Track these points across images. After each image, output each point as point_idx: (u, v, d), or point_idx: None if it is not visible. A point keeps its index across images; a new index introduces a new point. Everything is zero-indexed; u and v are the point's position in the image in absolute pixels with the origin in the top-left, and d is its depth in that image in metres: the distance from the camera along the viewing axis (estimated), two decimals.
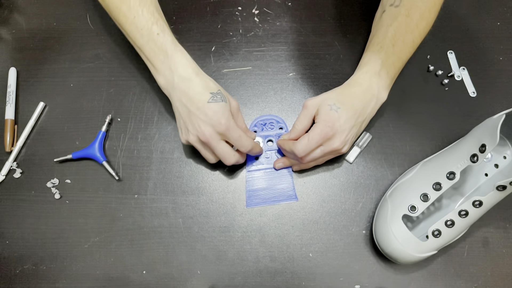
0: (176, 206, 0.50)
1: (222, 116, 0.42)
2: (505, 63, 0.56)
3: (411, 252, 0.43)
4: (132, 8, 0.44)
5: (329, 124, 0.43)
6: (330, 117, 0.43)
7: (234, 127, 0.43)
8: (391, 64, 0.47)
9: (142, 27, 0.44)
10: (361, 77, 0.46)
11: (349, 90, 0.46)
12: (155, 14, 0.45)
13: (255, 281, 0.47)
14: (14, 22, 0.59)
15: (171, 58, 0.44)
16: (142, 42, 0.45)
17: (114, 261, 0.48)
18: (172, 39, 0.45)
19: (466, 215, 0.43)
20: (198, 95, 0.42)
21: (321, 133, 0.43)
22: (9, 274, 0.48)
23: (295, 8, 0.59)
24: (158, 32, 0.44)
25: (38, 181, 0.51)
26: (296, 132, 0.47)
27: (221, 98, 0.43)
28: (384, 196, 0.48)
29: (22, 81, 0.56)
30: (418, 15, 0.48)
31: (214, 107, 0.42)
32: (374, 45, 0.48)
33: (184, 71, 0.43)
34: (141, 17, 0.44)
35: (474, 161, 0.43)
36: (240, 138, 0.44)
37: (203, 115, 0.42)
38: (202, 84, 0.43)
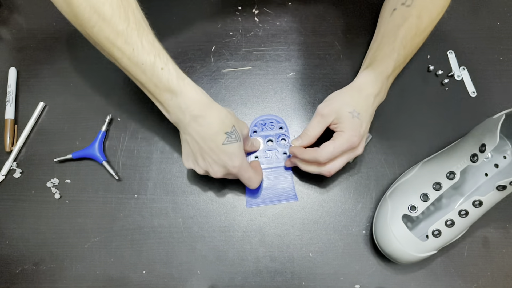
0: (176, 206, 0.50)
1: (236, 158, 0.41)
2: (505, 63, 0.56)
3: (411, 252, 0.43)
4: (129, 41, 0.37)
5: (356, 134, 0.43)
6: (355, 125, 0.43)
7: (245, 167, 0.43)
8: (398, 67, 0.48)
9: (143, 61, 0.38)
10: (373, 80, 0.46)
11: (363, 94, 0.45)
12: (155, 44, 0.39)
13: (255, 281, 0.47)
14: (14, 22, 0.59)
15: (180, 96, 0.39)
16: (145, 78, 0.39)
17: (114, 261, 0.48)
18: (177, 71, 0.39)
19: (466, 215, 0.43)
20: (213, 136, 0.40)
21: (348, 142, 0.42)
22: (9, 274, 0.48)
23: (295, 8, 0.59)
24: (162, 66, 0.38)
25: (38, 181, 0.51)
26: (308, 139, 0.45)
27: (236, 137, 0.41)
28: (384, 196, 0.48)
29: (22, 81, 0.56)
30: (428, 18, 0.48)
31: (228, 149, 0.41)
32: (385, 45, 0.48)
33: (197, 109, 0.39)
34: (141, 49, 0.38)
35: (474, 161, 0.43)
36: (250, 179, 0.44)
37: (216, 157, 0.41)
38: (217, 122, 0.40)
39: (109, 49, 0.38)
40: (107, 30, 0.37)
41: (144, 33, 0.38)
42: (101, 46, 0.39)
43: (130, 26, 0.37)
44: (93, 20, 0.37)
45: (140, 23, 0.39)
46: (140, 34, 0.38)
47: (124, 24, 0.37)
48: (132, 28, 0.37)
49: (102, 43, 0.38)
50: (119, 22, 0.37)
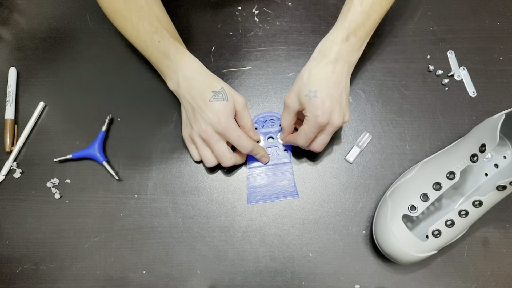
0: (176, 206, 0.50)
1: (222, 115, 0.43)
2: (505, 63, 0.56)
3: (411, 252, 0.43)
4: (134, 25, 0.46)
5: (318, 113, 0.42)
6: (315, 106, 0.42)
7: (233, 126, 0.44)
8: (360, 25, 0.44)
9: (145, 39, 0.46)
10: (327, 48, 0.44)
11: (318, 67, 0.44)
12: (154, 24, 0.46)
13: (255, 281, 0.47)
14: (14, 22, 0.59)
15: (174, 61, 0.45)
16: (148, 52, 0.47)
17: (114, 261, 0.48)
18: (173, 42, 0.45)
19: (466, 215, 0.43)
20: (200, 93, 0.43)
21: (315, 124, 0.43)
22: (9, 274, 0.48)
23: (295, 8, 0.59)
24: (158, 39, 0.45)
25: (38, 181, 0.51)
26: (285, 130, 0.49)
27: (223, 96, 0.43)
28: (384, 196, 0.48)
29: (22, 81, 0.56)
30: None
31: (214, 106, 0.43)
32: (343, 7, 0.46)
33: (188, 71, 0.44)
34: (143, 30, 0.46)
35: (474, 161, 0.43)
36: (239, 138, 0.44)
37: (204, 114, 0.43)
38: (205, 82, 0.44)
39: (126, 35, 0.49)
40: (119, 19, 0.48)
41: (145, 17, 0.46)
42: (123, 34, 0.49)
43: (133, 14, 0.46)
44: (111, 15, 0.49)
45: (142, 8, 0.47)
46: (141, 18, 0.46)
47: (128, 14, 0.47)
48: (134, 15, 0.46)
49: (120, 29, 0.49)
50: (124, 13, 0.47)
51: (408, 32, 0.58)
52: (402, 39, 0.57)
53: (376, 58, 0.56)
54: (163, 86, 0.55)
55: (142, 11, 0.47)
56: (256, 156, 0.49)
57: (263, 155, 0.49)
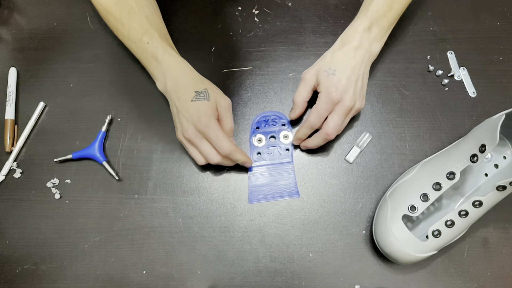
0: (176, 206, 0.50)
1: (202, 114, 0.43)
2: (505, 63, 0.56)
3: (411, 252, 0.43)
4: (125, 25, 0.47)
5: (332, 89, 0.44)
6: (331, 82, 0.44)
7: (213, 126, 0.43)
8: (382, 15, 0.47)
9: (135, 39, 0.47)
10: (350, 35, 0.47)
11: (340, 51, 0.46)
12: (144, 25, 0.47)
13: (255, 281, 0.47)
14: (14, 22, 0.59)
15: (162, 63, 0.46)
16: (139, 53, 0.48)
17: (114, 261, 0.48)
18: (162, 44, 0.46)
19: (466, 215, 0.43)
20: (183, 93, 0.44)
21: (327, 100, 0.44)
22: (9, 274, 0.48)
23: (295, 8, 0.59)
24: (147, 41, 0.46)
25: (38, 181, 0.51)
26: (298, 106, 0.49)
27: (204, 96, 0.44)
28: (384, 196, 0.48)
29: (22, 81, 0.56)
30: None
31: (196, 105, 0.44)
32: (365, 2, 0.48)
33: (174, 73, 0.45)
34: (132, 31, 0.47)
35: (474, 161, 0.43)
36: (218, 139, 0.43)
37: (186, 113, 0.44)
38: (189, 83, 0.45)
39: (117, 34, 0.50)
40: (111, 19, 0.49)
41: (136, 17, 0.47)
42: (114, 32, 0.51)
43: (124, 15, 0.47)
44: (104, 15, 0.50)
45: (132, 9, 0.47)
46: (132, 18, 0.47)
47: (120, 14, 0.47)
48: (125, 16, 0.47)
49: (112, 29, 0.50)
50: (115, 13, 0.48)
51: (408, 32, 0.58)
52: (402, 39, 0.57)
53: (376, 58, 0.56)
54: None
55: (132, 12, 0.47)
56: (238, 162, 0.47)
57: (244, 161, 0.47)
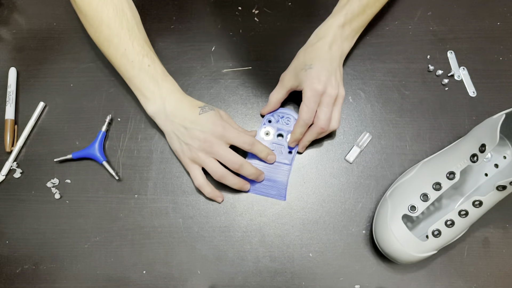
0: (176, 206, 0.50)
1: (215, 119, 0.46)
2: (505, 63, 0.56)
3: (411, 252, 0.43)
4: (123, 41, 0.46)
5: (315, 81, 0.45)
6: (311, 76, 0.45)
7: (230, 127, 0.46)
8: (356, 17, 0.49)
9: (133, 59, 0.46)
10: (324, 31, 0.48)
11: (313, 47, 0.48)
12: (145, 47, 0.47)
13: (255, 281, 0.47)
14: (14, 22, 0.59)
15: (162, 88, 0.46)
16: (133, 73, 0.47)
17: (114, 261, 0.48)
18: (162, 69, 0.48)
19: (466, 215, 0.43)
20: (189, 111, 0.46)
21: (312, 92, 0.45)
22: (9, 274, 0.48)
23: (295, 8, 0.59)
24: (149, 63, 0.47)
25: (38, 181, 0.51)
26: (271, 104, 0.51)
27: (209, 108, 0.47)
28: (384, 196, 0.48)
29: (22, 81, 0.56)
30: None
31: (206, 115, 0.46)
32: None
33: (174, 97, 0.47)
34: (131, 49, 0.46)
35: (474, 161, 0.43)
36: (240, 135, 0.46)
37: (199, 126, 0.45)
38: (191, 103, 0.47)
39: (106, 48, 0.48)
40: (106, 32, 0.47)
41: (136, 37, 0.47)
42: (100, 45, 0.49)
43: (123, 30, 0.46)
44: (96, 24, 0.47)
45: (133, 28, 0.47)
46: (132, 37, 0.47)
47: (118, 29, 0.46)
48: (125, 32, 0.46)
49: (102, 43, 0.48)
50: (114, 27, 0.46)
51: (408, 32, 0.58)
52: (402, 39, 0.57)
53: (376, 58, 0.56)
54: None
55: (133, 30, 0.47)
56: (260, 155, 0.48)
57: (268, 153, 0.48)
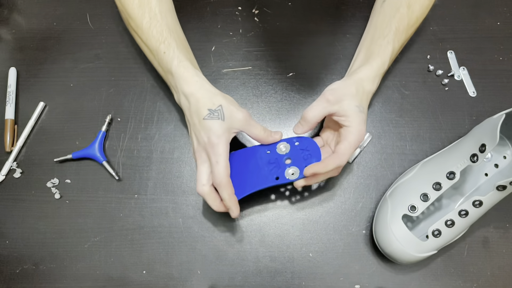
0: (176, 206, 0.50)
1: (213, 134, 0.41)
2: (505, 63, 0.56)
3: (411, 252, 0.43)
4: (144, 31, 0.46)
5: (363, 128, 0.43)
6: (362, 120, 0.43)
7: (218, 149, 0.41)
8: (392, 60, 0.48)
9: (152, 48, 0.46)
10: (373, 77, 0.45)
11: (365, 90, 0.45)
12: (163, 33, 0.45)
13: (255, 281, 0.47)
14: (14, 22, 0.59)
15: (175, 75, 0.44)
16: (155, 62, 0.47)
17: (114, 261, 0.48)
18: (178, 55, 0.44)
19: (466, 215, 0.43)
20: (196, 111, 0.42)
21: (359, 137, 0.43)
22: (9, 274, 0.48)
23: (295, 8, 0.59)
24: (164, 50, 0.44)
25: (38, 181, 0.51)
26: (309, 124, 0.44)
27: (219, 115, 0.42)
28: (384, 196, 0.48)
29: (22, 81, 0.56)
30: (418, 6, 0.48)
31: (207, 124, 0.41)
32: (379, 39, 0.47)
33: (187, 88, 0.43)
34: (151, 38, 0.45)
35: (474, 161, 0.43)
36: (216, 164, 0.40)
37: (197, 131, 0.42)
38: (202, 100, 0.42)
39: (135, 39, 0.49)
40: (132, 23, 0.47)
41: (157, 24, 0.46)
42: (134, 38, 0.50)
43: (145, 20, 0.46)
44: (124, 16, 0.49)
45: (155, 16, 0.46)
46: (153, 25, 0.46)
47: (140, 19, 0.46)
48: (147, 21, 0.46)
49: (132, 33, 0.50)
50: (137, 17, 0.46)
51: None
52: None
53: None
54: (162, 86, 0.55)
55: (154, 18, 0.46)
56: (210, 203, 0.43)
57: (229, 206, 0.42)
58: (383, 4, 0.50)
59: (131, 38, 0.58)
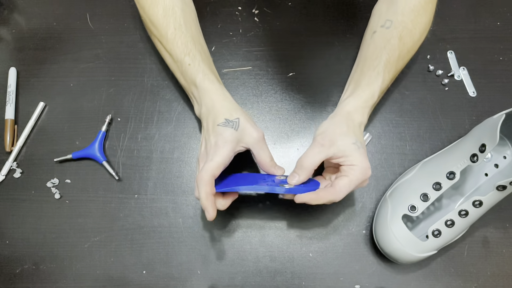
0: (176, 206, 0.50)
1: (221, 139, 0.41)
2: (505, 63, 0.56)
3: (411, 252, 0.43)
4: (169, 41, 0.46)
5: (368, 165, 0.41)
6: (364, 157, 0.41)
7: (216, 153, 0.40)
8: (382, 92, 0.47)
9: (177, 59, 0.46)
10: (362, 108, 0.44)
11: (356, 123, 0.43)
12: (188, 45, 0.46)
13: (255, 281, 0.47)
14: (14, 22, 0.59)
15: (200, 88, 0.44)
16: (178, 74, 0.48)
17: (114, 261, 0.48)
18: (203, 68, 0.45)
19: (466, 215, 0.43)
20: (214, 117, 0.43)
21: (363, 175, 0.40)
22: (9, 274, 0.48)
23: (295, 8, 0.59)
24: (189, 62, 0.45)
25: (38, 181, 0.51)
26: (306, 173, 0.41)
27: (233, 125, 0.42)
28: (384, 196, 0.48)
29: (22, 81, 0.56)
30: (410, 39, 0.46)
31: (220, 129, 0.41)
32: (369, 70, 0.46)
33: (210, 99, 0.44)
34: (176, 49, 0.46)
35: (474, 161, 0.43)
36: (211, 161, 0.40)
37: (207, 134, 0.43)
38: (222, 110, 0.43)
39: (159, 49, 0.50)
40: (156, 32, 0.48)
41: (182, 36, 0.46)
42: (156, 47, 0.51)
43: (170, 30, 0.46)
44: (148, 25, 0.49)
45: (180, 27, 0.46)
46: (178, 36, 0.46)
47: (165, 29, 0.46)
48: (172, 32, 0.46)
49: (155, 45, 0.50)
50: (162, 27, 0.46)
51: None
52: None
53: None
54: (162, 86, 0.55)
55: (179, 29, 0.46)
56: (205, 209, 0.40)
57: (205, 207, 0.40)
58: (373, 36, 0.48)
59: (131, 38, 0.58)
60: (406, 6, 0.47)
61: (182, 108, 0.54)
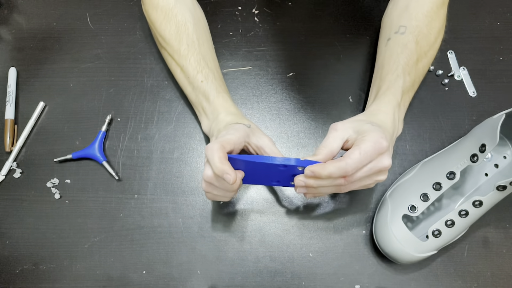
0: (176, 206, 0.50)
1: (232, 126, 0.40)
2: (505, 63, 0.56)
3: (411, 252, 0.43)
4: (182, 57, 0.47)
5: (382, 136, 0.36)
6: (379, 132, 0.37)
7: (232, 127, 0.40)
8: (406, 94, 0.45)
9: (189, 75, 0.46)
10: (384, 107, 0.42)
11: (377, 118, 0.41)
12: (201, 62, 0.46)
13: (255, 281, 0.47)
14: (14, 22, 0.59)
15: (212, 105, 0.45)
16: (189, 89, 0.48)
17: (114, 261, 0.48)
18: (216, 86, 0.46)
19: (466, 215, 0.43)
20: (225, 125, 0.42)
21: (376, 144, 0.36)
22: (9, 274, 0.48)
23: (295, 8, 0.59)
24: (202, 79, 0.46)
25: (38, 181, 0.51)
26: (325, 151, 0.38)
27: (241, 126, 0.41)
28: (384, 196, 0.48)
29: (22, 81, 0.56)
30: (425, 42, 0.46)
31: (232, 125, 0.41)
32: (388, 75, 0.45)
33: (223, 118, 0.44)
34: (188, 66, 0.46)
35: (474, 161, 0.43)
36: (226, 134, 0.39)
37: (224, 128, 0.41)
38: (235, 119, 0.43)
39: (169, 64, 0.50)
40: (168, 49, 0.48)
41: (195, 53, 0.47)
42: (165, 60, 0.51)
43: (183, 46, 0.46)
44: (159, 40, 0.49)
45: (193, 43, 0.47)
46: (190, 53, 0.46)
47: (178, 45, 0.47)
48: (184, 48, 0.46)
49: (165, 58, 0.51)
50: (174, 43, 0.47)
51: None
52: None
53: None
54: (162, 86, 0.55)
55: (192, 45, 0.46)
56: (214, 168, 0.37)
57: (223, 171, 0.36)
58: (388, 43, 0.48)
59: (131, 38, 0.58)
60: (419, 12, 0.47)
61: (182, 108, 0.54)
